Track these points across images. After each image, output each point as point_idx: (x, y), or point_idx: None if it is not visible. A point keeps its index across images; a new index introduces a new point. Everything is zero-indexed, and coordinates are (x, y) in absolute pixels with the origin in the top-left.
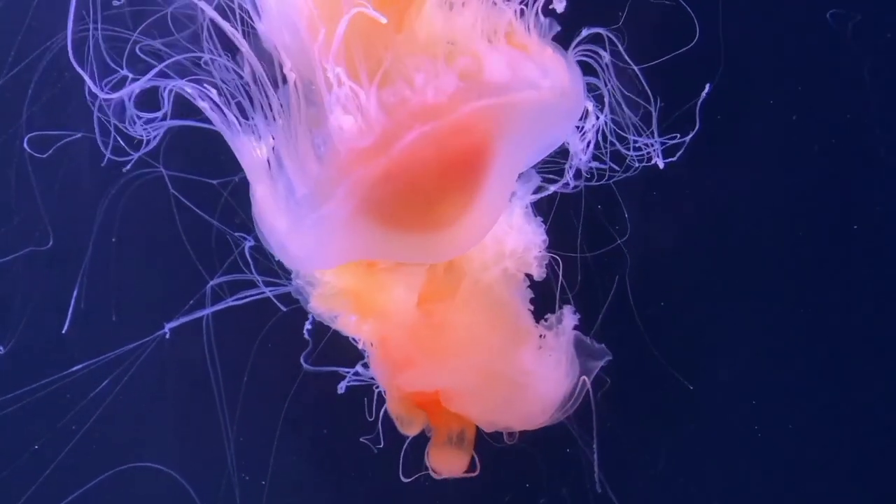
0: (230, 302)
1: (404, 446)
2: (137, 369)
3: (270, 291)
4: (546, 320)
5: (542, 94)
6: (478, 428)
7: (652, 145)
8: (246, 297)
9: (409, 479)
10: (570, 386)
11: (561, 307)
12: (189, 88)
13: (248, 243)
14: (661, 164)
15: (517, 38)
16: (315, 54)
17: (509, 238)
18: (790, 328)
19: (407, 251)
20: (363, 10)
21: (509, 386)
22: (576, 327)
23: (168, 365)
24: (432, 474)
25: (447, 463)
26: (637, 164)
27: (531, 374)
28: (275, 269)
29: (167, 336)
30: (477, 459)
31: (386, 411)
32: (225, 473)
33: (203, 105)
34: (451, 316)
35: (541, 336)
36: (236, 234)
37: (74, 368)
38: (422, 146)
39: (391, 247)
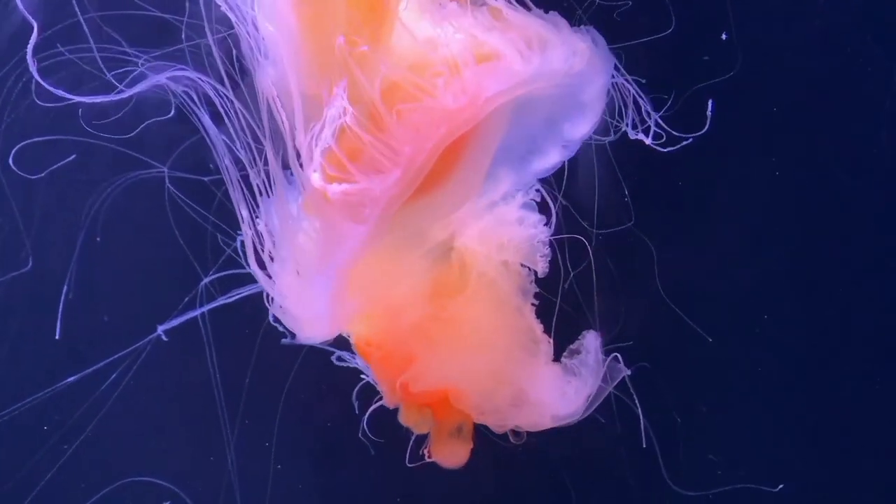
0: (221, 300)
1: (410, 443)
2: (133, 375)
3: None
4: (572, 347)
5: (557, 72)
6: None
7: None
8: (238, 294)
9: (414, 465)
10: (585, 400)
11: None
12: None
13: (241, 238)
14: (647, 141)
15: (518, 24)
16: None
17: (509, 230)
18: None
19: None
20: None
21: (516, 390)
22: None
23: (163, 368)
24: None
25: (451, 455)
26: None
27: (538, 385)
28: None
29: (163, 338)
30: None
31: (377, 408)
32: (225, 477)
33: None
34: (457, 311)
35: (564, 362)
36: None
37: (69, 380)
38: (443, 144)
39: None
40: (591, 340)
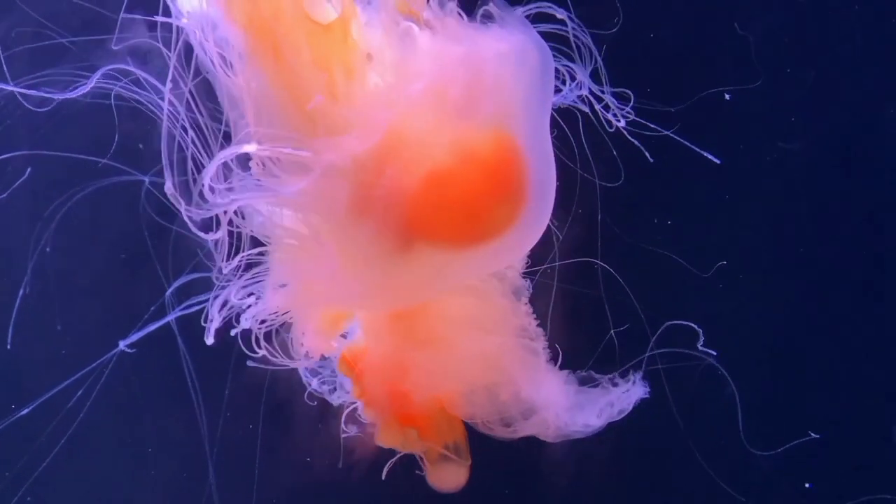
0: (178, 312)
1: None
2: (97, 394)
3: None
4: (614, 380)
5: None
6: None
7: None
8: (201, 302)
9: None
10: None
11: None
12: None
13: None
14: (618, 123)
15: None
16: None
17: None
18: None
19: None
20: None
21: (514, 390)
22: None
23: (129, 386)
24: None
25: (450, 478)
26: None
27: (537, 387)
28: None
29: (129, 351)
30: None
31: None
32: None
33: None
34: (449, 316)
35: (599, 389)
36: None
37: (23, 412)
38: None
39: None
40: (640, 387)
